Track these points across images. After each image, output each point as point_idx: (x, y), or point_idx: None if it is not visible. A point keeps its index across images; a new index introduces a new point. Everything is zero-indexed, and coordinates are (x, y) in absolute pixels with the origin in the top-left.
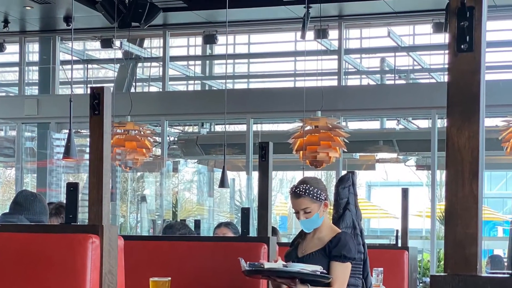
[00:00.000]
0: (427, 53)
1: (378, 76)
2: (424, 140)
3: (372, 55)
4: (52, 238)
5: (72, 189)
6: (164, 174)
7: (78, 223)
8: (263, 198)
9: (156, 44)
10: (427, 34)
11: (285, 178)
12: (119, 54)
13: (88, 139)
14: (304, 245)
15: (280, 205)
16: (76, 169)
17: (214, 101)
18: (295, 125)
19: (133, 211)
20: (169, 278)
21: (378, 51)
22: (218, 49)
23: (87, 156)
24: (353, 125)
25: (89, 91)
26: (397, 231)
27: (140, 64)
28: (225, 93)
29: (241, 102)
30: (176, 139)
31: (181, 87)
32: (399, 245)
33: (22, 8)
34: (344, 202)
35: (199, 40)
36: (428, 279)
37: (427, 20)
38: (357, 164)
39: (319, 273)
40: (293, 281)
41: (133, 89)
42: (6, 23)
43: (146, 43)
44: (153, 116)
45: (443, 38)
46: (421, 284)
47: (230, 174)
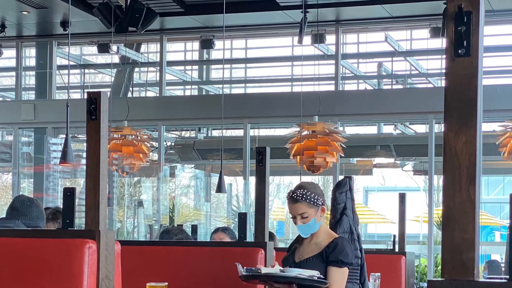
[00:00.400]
0: (425, 58)
1: (375, 81)
2: (421, 145)
3: (369, 60)
4: (49, 243)
5: (69, 194)
6: (161, 179)
7: (75, 228)
8: (260, 203)
9: (153, 49)
10: (424, 39)
11: (282, 183)
12: (116, 59)
13: (85, 144)
14: (301, 250)
15: (277, 210)
16: (73, 174)
17: (211, 106)
18: (292, 130)
19: (130, 216)
20: (166, 283)
21: (375, 56)
22: (215, 54)
23: (84, 161)
24: (350, 130)
25: (86, 96)
26: (394, 236)
27: (137, 69)
28: (222, 98)
29: (238, 107)
30: (173, 144)
31: (178, 92)
32: (396, 250)
33: (19, 13)
34: (341, 207)
35: (196, 45)
36: (426, 284)
37: (424, 25)
38: (354, 169)
39: (316, 278)
40: (290, 286)
41: (130, 94)
42: (3, 28)
43: (143, 48)
44: (150, 121)
45: (440, 43)
46: None
47: (227, 179)
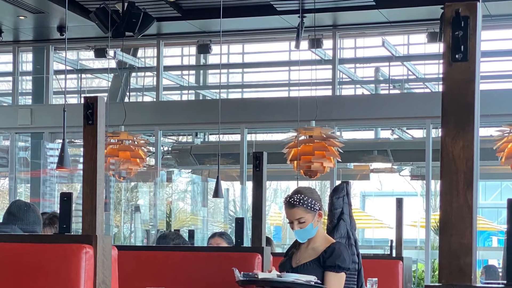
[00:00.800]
0: (422, 62)
1: (372, 86)
2: (418, 150)
3: (366, 64)
4: (45, 248)
5: (66, 199)
6: (158, 184)
7: (72, 233)
8: (257, 208)
9: (150, 54)
10: (421, 43)
11: (279, 188)
12: (112, 64)
13: (81, 149)
14: (298, 255)
15: (274, 215)
16: (69, 179)
17: (208, 111)
18: (289, 135)
19: (127, 221)
20: None
21: (372, 60)
22: (212, 59)
23: (80, 166)
24: (348, 135)
25: (82, 101)
26: (391, 241)
27: (134, 74)
28: (219, 102)
29: (235, 112)
30: (170, 149)
31: (175, 96)
32: (394, 255)
33: (16, 18)
34: (339, 212)
35: (193, 50)
36: None
37: (422, 29)
38: (352, 174)
39: (313, 283)
40: None
41: (126, 99)
42: (0, 32)
43: (140, 52)
44: (147, 126)
45: (437, 47)
46: None
47: (224, 184)
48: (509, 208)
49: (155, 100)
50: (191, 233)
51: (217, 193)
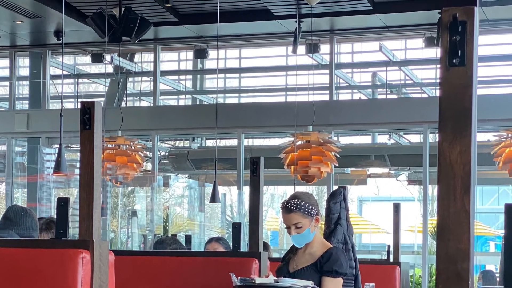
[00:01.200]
0: (419, 67)
1: (369, 91)
2: (415, 155)
3: (363, 69)
4: (42, 254)
5: (63, 204)
6: (155, 189)
7: (69, 238)
8: (254, 213)
9: (147, 59)
10: (418, 48)
11: (276, 193)
12: (109, 69)
13: (78, 154)
14: (296, 260)
15: (271, 220)
16: (66, 184)
17: (205, 116)
18: (286, 140)
19: (124, 226)
20: None
21: (369, 65)
22: (209, 64)
23: (77, 171)
24: (345, 139)
25: (79, 106)
26: (388, 246)
27: (131, 79)
28: (216, 107)
29: (232, 116)
30: (167, 154)
31: (172, 101)
32: (391, 260)
33: (13, 23)
34: (336, 217)
35: (190, 55)
36: None
37: (419, 34)
38: (349, 179)
39: None
40: None
41: (123, 104)
42: None
43: (137, 57)
44: (144, 130)
45: (435, 52)
46: None
47: (221, 189)
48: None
49: (152, 105)
50: (188, 238)
51: (214, 198)
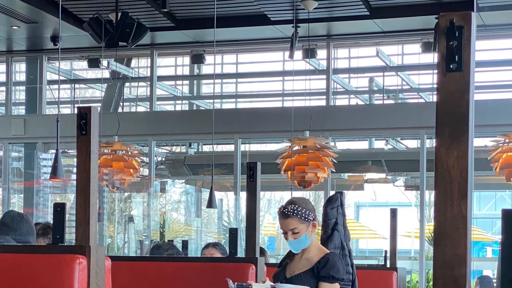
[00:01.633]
0: (416, 72)
1: (366, 96)
2: (412, 160)
3: (360, 74)
4: (39, 259)
5: (59, 209)
6: (152, 194)
7: (65, 243)
8: (251, 219)
9: (144, 64)
10: (415, 53)
11: (273, 199)
12: (106, 74)
13: (75, 159)
14: (292, 266)
15: (268, 226)
16: (63, 189)
17: (201, 121)
18: (283, 145)
19: (121, 231)
20: None
21: (366, 70)
22: (206, 69)
23: (74, 177)
24: (342, 145)
25: (76, 111)
26: (385, 251)
27: (127, 84)
28: (213, 113)
29: (229, 122)
30: (163, 159)
31: (168, 107)
32: (388, 265)
33: (9, 28)
34: (333, 223)
35: (186, 60)
36: None
37: (416, 39)
38: (346, 184)
39: None
40: None
41: (120, 109)
42: None
43: (134, 62)
44: (140, 136)
45: (432, 57)
46: None
47: (218, 195)
48: (503, 219)
49: (148, 110)
50: (184, 244)
51: (211, 203)
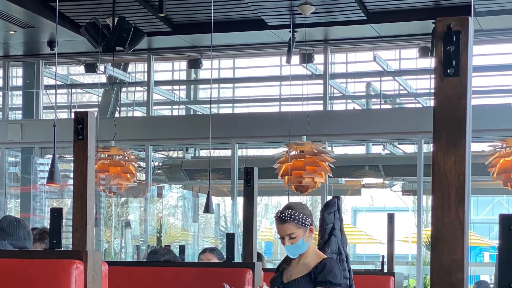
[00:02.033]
0: (413, 77)
1: (363, 101)
2: (410, 165)
3: (357, 79)
4: (36, 264)
5: (56, 214)
6: (149, 199)
7: (62, 248)
8: (248, 224)
9: (141, 69)
10: (413, 58)
11: (270, 204)
12: (103, 79)
13: (72, 164)
14: (289, 271)
15: (265, 231)
16: (60, 194)
17: (198, 126)
18: (280, 150)
19: (117, 236)
20: None
21: (363, 75)
22: (203, 74)
23: (71, 181)
24: (339, 150)
25: (73, 116)
26: (383, 256)
27: (124, 89)
28: (210, 118)
29: (226, 127)
30: (160, 164)
31: (165, 111)
32: (385, 270)
33: (6, 33)
34: (330, 228)
35: (183, 65)
36: None
37: (413, 44)
38: (343, 189)
39: None
40: None
41: (117, 114)
42: None
43: (131, 67)
44: (137, 141)
45: (429, 62)
46: None
47: (215, 199)
48: (501, 224)
49: (145, 115)
50: (181, 249)
51: (208, 208)
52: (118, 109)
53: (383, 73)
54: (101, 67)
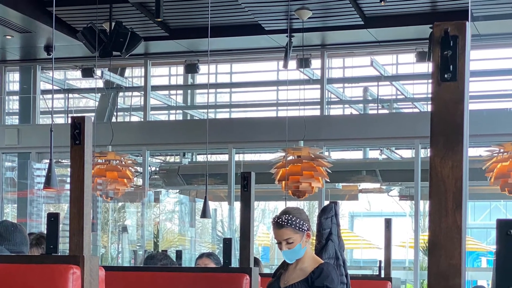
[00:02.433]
0: (410, 82)
1: (361, 106)
2: (407, 170)
3: (355, 84)
4: (32, 269)
5: (53, 219)
6: (146, 204)
7: (59, 253)
8: (245, 229)
9: (138, 74)
10: (410, 63)
11: (267, 209)
12: (100, 84)
13: (69, 169)
14: (287, 276)
15: (263, 236)
16: (56, 199)
17: (195, 131)
18: (277, 155)
19: (114, 241)
20: None
21: (361, 80)
22: (200, 79)
23: (67, 186)
24: (336, 155)
25: (70, 121)
26: (380, 261)
27: (121, 94)
28: (207, 122)
29: (223, 131)
30: (157, 169)
31: (162, 116)
32: (382, 275)
33: (3, 37)
34: (327, 233)
35: (180, 70)
36: None
37: (410, 49)
38: (340, 194)
39: None
40: None
41: (114, 119)
42: None
43: (127, 72)
44: (134, 146)
45: (426, 67)
46: None
47: (212, 204)
48: (498, 229)
49: (142, 120)
50: (178, 254)
51: (204, 213)
52: (115, 114)
53: (380, 78)
54: (98, 72)
